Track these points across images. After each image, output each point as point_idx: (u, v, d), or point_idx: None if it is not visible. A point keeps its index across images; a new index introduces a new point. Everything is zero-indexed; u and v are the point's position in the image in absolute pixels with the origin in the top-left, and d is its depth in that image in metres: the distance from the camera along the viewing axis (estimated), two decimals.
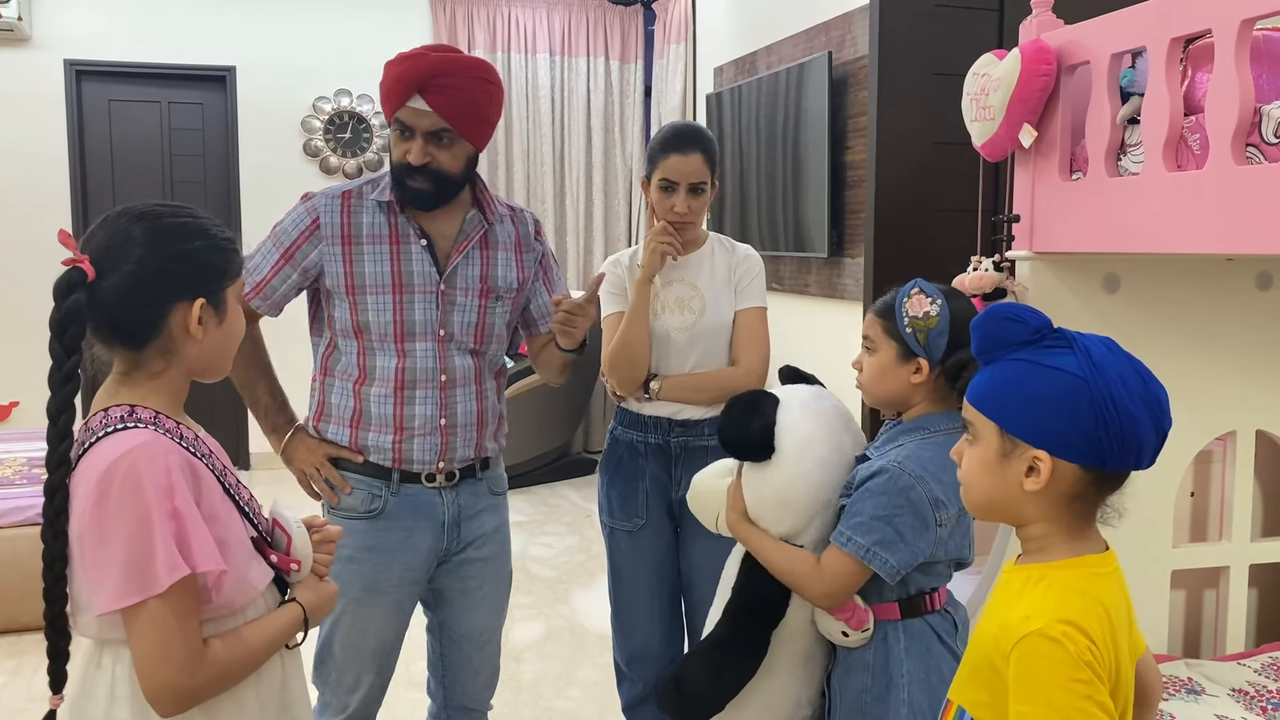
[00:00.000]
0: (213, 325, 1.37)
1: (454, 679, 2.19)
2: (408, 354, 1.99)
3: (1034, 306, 1.27)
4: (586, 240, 6.75)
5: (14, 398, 5.82)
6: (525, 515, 5.41)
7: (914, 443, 1.67)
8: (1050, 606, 1.14)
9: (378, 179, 2.04)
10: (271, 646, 1.36)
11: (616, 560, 2.46)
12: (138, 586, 1.21)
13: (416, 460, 2.02)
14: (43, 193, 5.81)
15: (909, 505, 1.61)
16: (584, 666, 3.51)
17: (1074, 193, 2.17)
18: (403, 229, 2.00)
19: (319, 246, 1.98)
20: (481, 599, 2.16)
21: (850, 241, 4.28)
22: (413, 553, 2.05)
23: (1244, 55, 1.74)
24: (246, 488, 1.46)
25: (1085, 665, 1.09)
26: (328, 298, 2.02)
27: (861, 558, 1.62)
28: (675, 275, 2.37)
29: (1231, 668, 2.44)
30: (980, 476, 1.23)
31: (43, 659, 1.33)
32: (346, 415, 2.02)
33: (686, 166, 2.28)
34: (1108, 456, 1.15)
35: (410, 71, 1.89)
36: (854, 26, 4.19)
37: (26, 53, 5.76)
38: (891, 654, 1.67)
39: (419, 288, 1.99)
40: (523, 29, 6.49)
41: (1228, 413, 2.50)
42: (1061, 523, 1.20)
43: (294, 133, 6.22)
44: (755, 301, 2.40)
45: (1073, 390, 1.15)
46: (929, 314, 1.66)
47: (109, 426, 1.29)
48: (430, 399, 2.01)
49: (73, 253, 1.28)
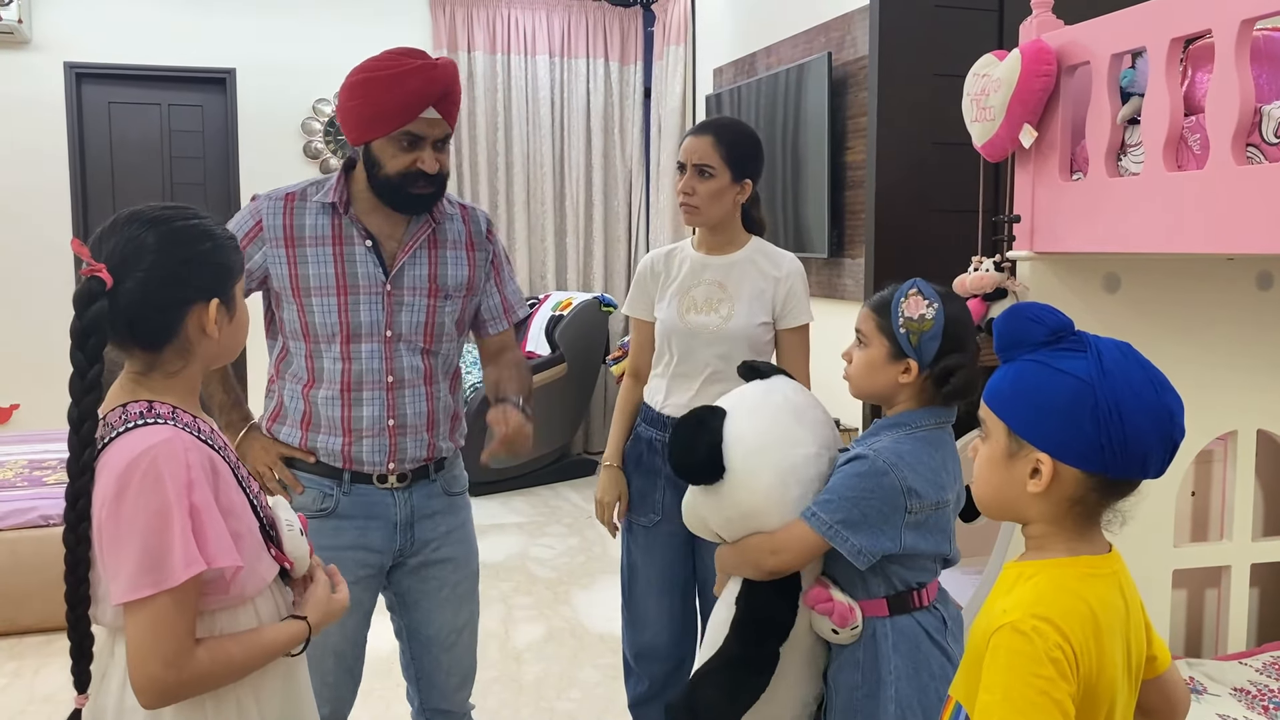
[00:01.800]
0: (225, 322, 1.41)
1: (428, 682, 2.19)
2: (353, 356, 1.99)
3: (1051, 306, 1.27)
4: (586, 242, 6.75)
5: (14, 400, 5.82)
6: (525, 516, 5.41)
7: (894, 436, 1.67)
8: (1029, 601, 1.15)
9: (322, 181, 2.03)
10: (266, 655, 1.37)
11: (631, 555, 2.47)
12: (152, 579, 1.24)
13: (366, 462, 2.02)
14: (43, 195, 5.82)
15: (879, 490, 1.61)
16: (585, 668, 3.51)
17: (1074, 193, 2.17)
18: (346, 230, 1.99)
19: (263, 249, 1.97)
20: (443, 600, 2.15)
21: (850, 242, 4.28)
22: (366, 550, 2.04)
23: (1244, 55, 1.74)
24: (255, 481, 1.49)
25: (1051, 662, 1.09)
26: (276, 301, 2.01)
27: (824, 534, 1.62)
28: (706, 276, 2.36)
29: (1233, 667, 2.45)
30: (988, 475, 1.24)
31: (44, 661, 1.34)
32: (298, 417, 2.02)
33: (692, 147, 2.31)
34: (1110, 464, 1.14)
35: (431, 84, 1.88)
36: (853, 27, 4.20)
37: (27, 55, 5.76)
38: (880, 651, 1.66)
39: (364, 289, 1.98)
40: (522, 31, 6.50)
41: (1228, 412, 2.50)
42: (1062, 524, 1.20)
43: (294, 135, 6.22)
44: (803, 319, 2.37)
45: (1078, 395, 1.14)
46: (924, 316, 1.65)
47: (128, 422, 1.31)
48: (377, 400, 2.00)
49: (89, 262, 1.29)
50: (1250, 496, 2.58)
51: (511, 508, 5.55)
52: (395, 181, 1.94)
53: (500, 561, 4.63)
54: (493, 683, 3.37)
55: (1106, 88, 2.05)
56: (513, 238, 6.59)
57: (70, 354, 1.29)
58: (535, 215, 6.64)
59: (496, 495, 5.78)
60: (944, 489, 1.67)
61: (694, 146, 2.31)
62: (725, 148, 2.29)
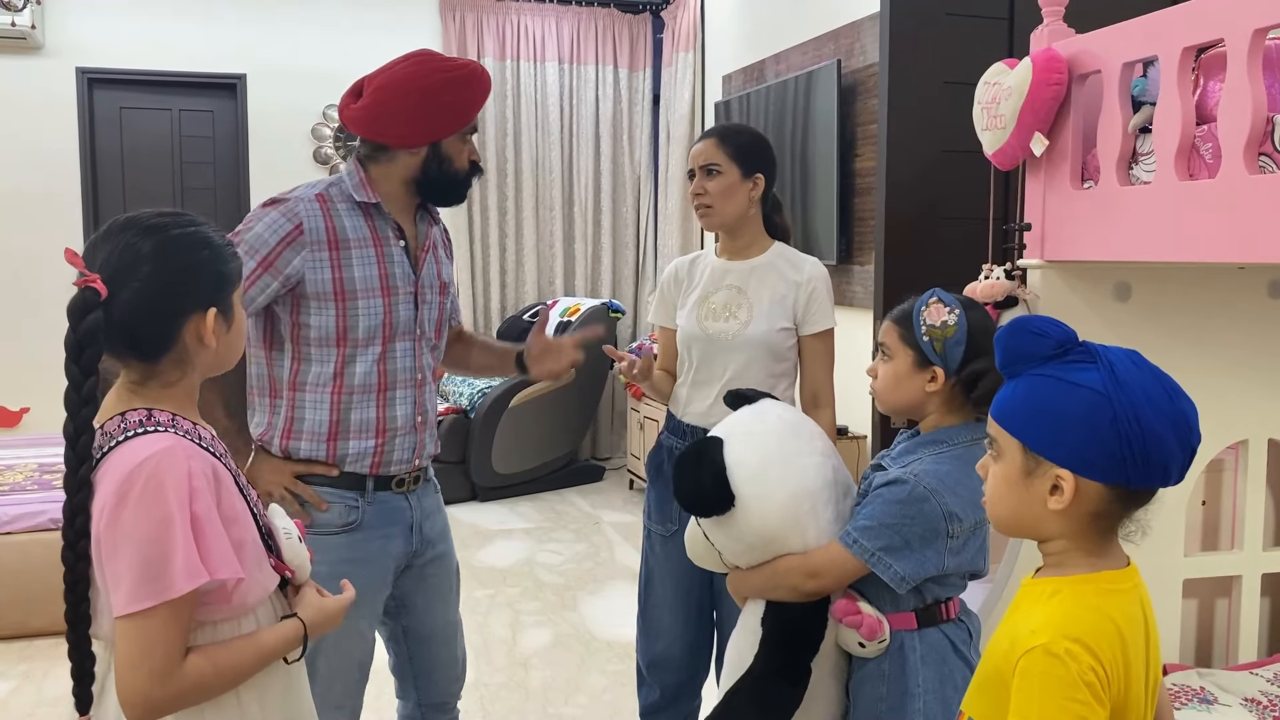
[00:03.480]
0: (223, 332, 1.37)
1: (426, 678, 2.20)
2: (389, 356, 2.00)
3: (1053, 318, 1.26)
4: (595, 248, 6.76)
5: (25, 404, 5.84)
6: (533, 522, 5.41)
7: (932, 455, 1.66)
8: (1058, 621, 1.12)
9: (335, 181, 2.01)
10: (260, 661, 1.34)
11: (649, 563, 2.47)
12: (152, 590, 1.21)
13: (395, 461, 2.02)
14: (54, 199, 5.85)
15: (921, 517, 1.60)
16: (592, 674, 3.51)
17: (1085, 201, 2.17)
18: (381, 230, 2.00)
19: (301, 253, 1.91)
20: (443, 596, 2.18)
21: (859, 248, 4.28)
22: (389, 558, 2.05)
23: (1256, 64, 1.74)
24: (253, 489, 1.47)
25: (1085, 686, 1.08)
26: (297, 307, 1.95)
27: (866, 560, 1.61)
28: (727, 280, 2.36)
29: (1244, 677, 2.44)
30: (1004, 494, 1.21)
31: (53, 663, 1.34)
32: (322, 429, 1.97)
33: (698, 150, 2.35)
34: (1132, 475, 1.12)
35: (487, 81, 2.03)
36: (863, 34, 4.20)
37: (40, 61, 5.80)
38: (908, 664, 1.65)
39: (401, 289, 2.01)
40: (532, 37, 6.51)
41: (1239, 421, 2.50)
42: (1083, 539, 1.18)
43: (304, 140, 6.24)
44: (826, 324, 2.38)
45: (1095, 407, 1.12)
46: (946, 323, 1.65)
47: (128, 431, 1.28)
48: (409, 399, 2.03)
49: (82, 271, 1.26)
50: (1261, 506, 2.57)
51: (519, 513, 5.55)
52: (462, 175, 2.04)
53: (507, 567, 4.63)
54: (500, 688, 3.38)
55: (1118, 96, 2.05)
56: (521, 243, 6.60)
57: (65, 367, 1.25)
58: (544, 221, 6.65)
59: (504, 501, 5.79)
60: (982, 507, 1.66)
61: (699, 150, 2.35)
62: (730, 146, 2.33)
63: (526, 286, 6.64)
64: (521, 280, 6.64)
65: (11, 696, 3.28)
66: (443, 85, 1.95)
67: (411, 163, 1.99)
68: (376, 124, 1.96)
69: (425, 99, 1.94)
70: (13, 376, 5.79)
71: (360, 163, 2.02)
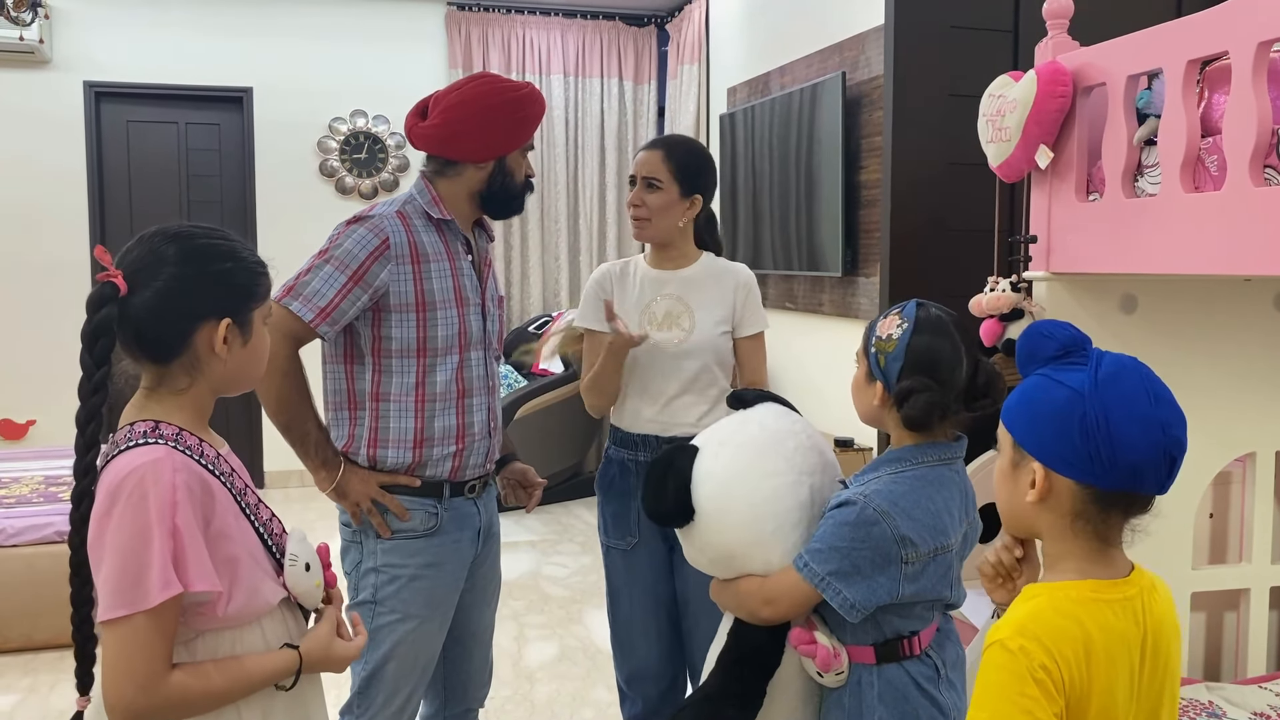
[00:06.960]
0: (237, 346, 1.39)
1: (455, 679, 2.26)
2: (466, 365, 2.10)
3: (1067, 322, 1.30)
4: (600, 260, 6.76)
5: (31, 416, 5.85)
6: (538, 535, 5.40)
7: (890, 475, 1.58)
8: (1022, 621, 1.16)
9: (408, 198, 2.10)
10: (250, 685, 1.34)
11: (613, 579, 2.46)
12: (129, 599, 1.23)
13: (471, 465, 2.12)
14: (61, 212, 5.87)
15: (870, 540, 1.52)
16: (598, 687, 3.50)
17: (1091, 213, 2.17)
18: (452, 244, 2.10)
19: (388, 266, 2.01)
20: (489, 597, 2.28)
21: (864, 261, 4.28)
22: (462, 563, 2.15)
23: (1261, 77, 1.74)
24: (268, 507, 1.48)
25: (1035, 682, 1.11)
26: (379, 320, 2.03)
27: (816, 585, 1.55)
28: (666, 289, 2.38)
29: (1253, 691, 2.42)
30: (999, 486, 1.27)
31: (58, 677, 1.35)
32: (408, 436, 2.06)
33: (642, 160, 2.38)
34: (1100, 475, 1.15)
35: (544, 100, 2.16)
36: (867, 47, 4.21)
37: (47, 74, 5.83)
38: (864, 700, 1.59)
39: (471, 300, 2.11)
40: (537, 50, 6.54)
41: (1247, 434, 2.49)
42: (1070, 542, 1.21)
43: (310, 153, 6.27)
44: (760, 326, 2.43)
45: (1068, 405, 1.17)
46: (890, 336, 1.59)
47: (130, 441, 1.31)
48: (484, 406, 2.14)
49: (108, 267, 1.32)
50: (1269, 519, 2.56)
51: (524, 526, 5.54)
52: (521, 188, 2.16)
53: (513, 580, 4.62)
54: (506, 701, 3.37)
55: (1123, 109, 2.05)
56: (527, 255, 6.62)
57: (79, 357, 1.30)
58: (549, 233, 6.66)
59: (509, 514, 5.78)
60: (944, 533, 1.57)
61: (643, 160, 2.37)
62: (674, 163, 2.34)
63: (532, 298, 6.65)
64: (527, 292, 6.65)
65: (16, 710, 3.28)
66: (508, 104, 2.07)
67: (478, 177, 2.10)
68: (448, 141, 2.07)
69: (493, 116, 2.06)
70: (19, 389, 5.80)
71: (428, 180, 2.12)
